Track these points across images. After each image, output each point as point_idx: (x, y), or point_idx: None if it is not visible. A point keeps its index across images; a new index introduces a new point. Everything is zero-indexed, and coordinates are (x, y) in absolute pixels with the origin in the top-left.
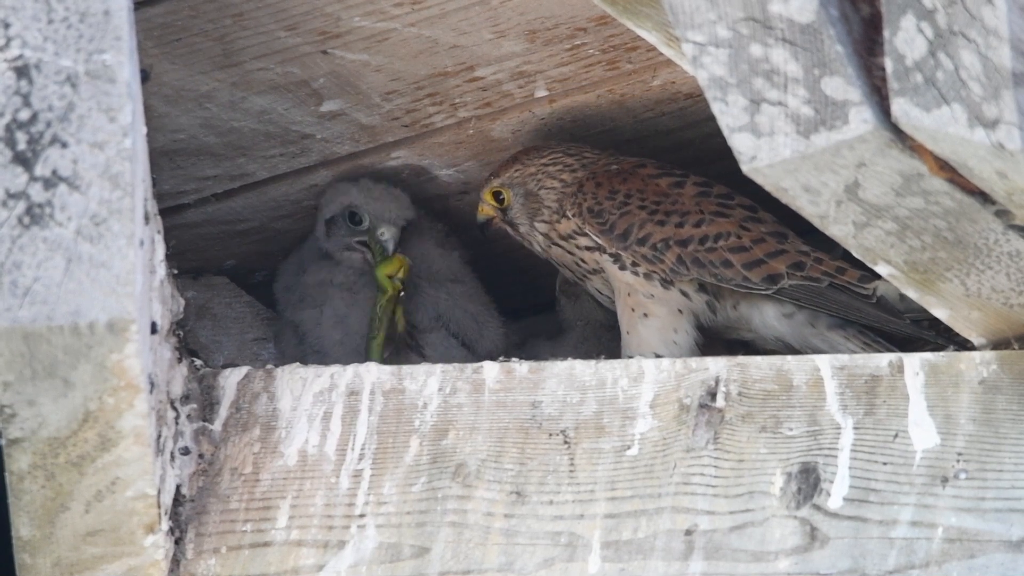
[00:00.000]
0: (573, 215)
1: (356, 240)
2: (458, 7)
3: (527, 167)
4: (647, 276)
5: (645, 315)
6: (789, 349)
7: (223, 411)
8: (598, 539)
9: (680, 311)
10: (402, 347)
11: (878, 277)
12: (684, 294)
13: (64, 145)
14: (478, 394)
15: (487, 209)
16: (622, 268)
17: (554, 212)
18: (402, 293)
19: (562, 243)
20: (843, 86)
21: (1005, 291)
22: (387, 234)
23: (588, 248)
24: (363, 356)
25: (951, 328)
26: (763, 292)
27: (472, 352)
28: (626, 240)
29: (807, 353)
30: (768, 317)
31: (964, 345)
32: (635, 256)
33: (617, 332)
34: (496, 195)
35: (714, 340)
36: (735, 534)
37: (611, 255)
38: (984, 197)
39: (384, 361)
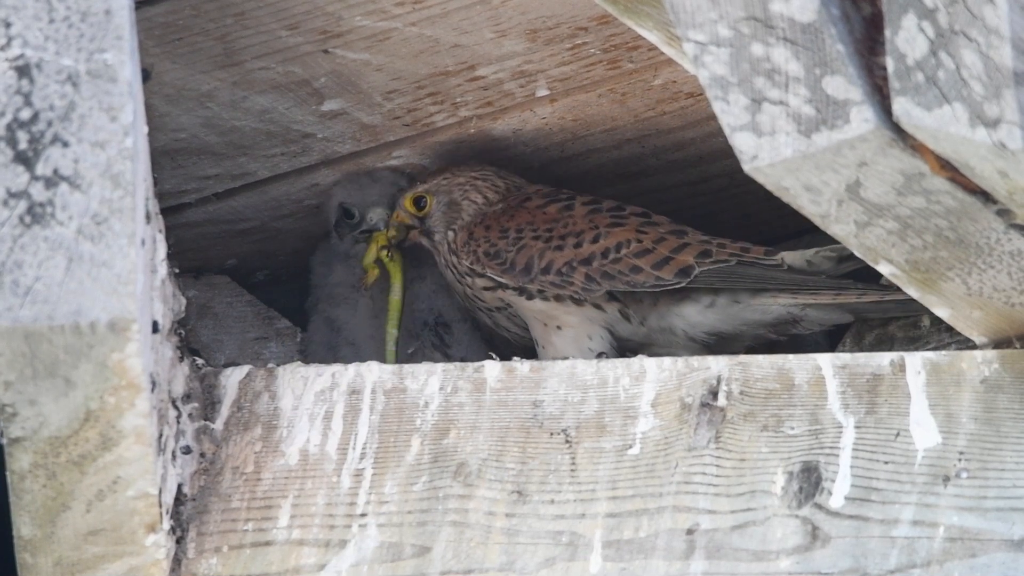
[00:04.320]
0: (471, 263)
1: (360, 232)
2: (459, 6)
3: (456, 176)
4: (557, 299)
5: (559, 327)
6: (722, 342)
7: (224, 410)
8: (599, 538)
9: (591, 320)
10: (427, 346)
11: (777, 252)
12: (597, 307)
13: (65, 144)
14: (479, 393)
15: (402, 215)
16: (530, 298)
17: (464, 227)
18: (388, 251)
19: (458, 275)
20: (844, 85)
21: (1007, 290)
22: (375, 216)
23: (487, 288)
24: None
25: (867, 277)
26: (676, 286)
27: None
28: (530, 273)
29: (745, 336)
30: (692, 316)
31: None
32: (542, 285)
33: None
34: (418, 200)
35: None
36: (736, 533)
37: (515, 289)
38: (985, 196)
39: (407, 359)
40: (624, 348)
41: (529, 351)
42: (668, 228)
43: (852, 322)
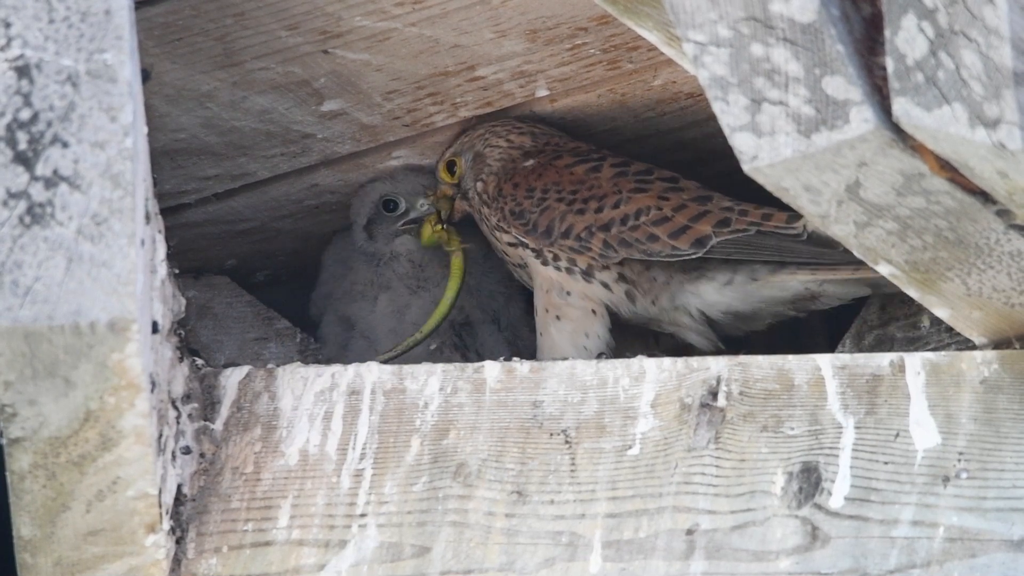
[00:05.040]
0: (498, 220)
1: (401, 225)
2: (459, 7)
3: (475, 131)
4: (568, 271)
5: (558, 317)
6: (739, 321)
7: (224, 410)
8: (599, 539)
9: (594, 312)
10: (448, 346)
11: (802, 217)
12: (605, 286)
13: (65, 145)
14: (479, 394)
15: (443, 188)
16: (544, 264)
17: (493, 174)
18: (445, 226)
19: (489, 229)
20: (844, 85)
21: (1006, 290)
22: (426, 204)
23: (511, 244)
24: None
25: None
26: (693, 256)
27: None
28: (550, 236)
29: (763, 314)
30: (709, 295)
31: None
32: (562, 249)
33: None
34: (450, 166)
35: (632, 340)
36: (736, 533)
37: (534, 251)
38: (985, 197)
39: (427, 357)
40: (626, 330)
41: None
42: (692, 195)
43: (869, 295)
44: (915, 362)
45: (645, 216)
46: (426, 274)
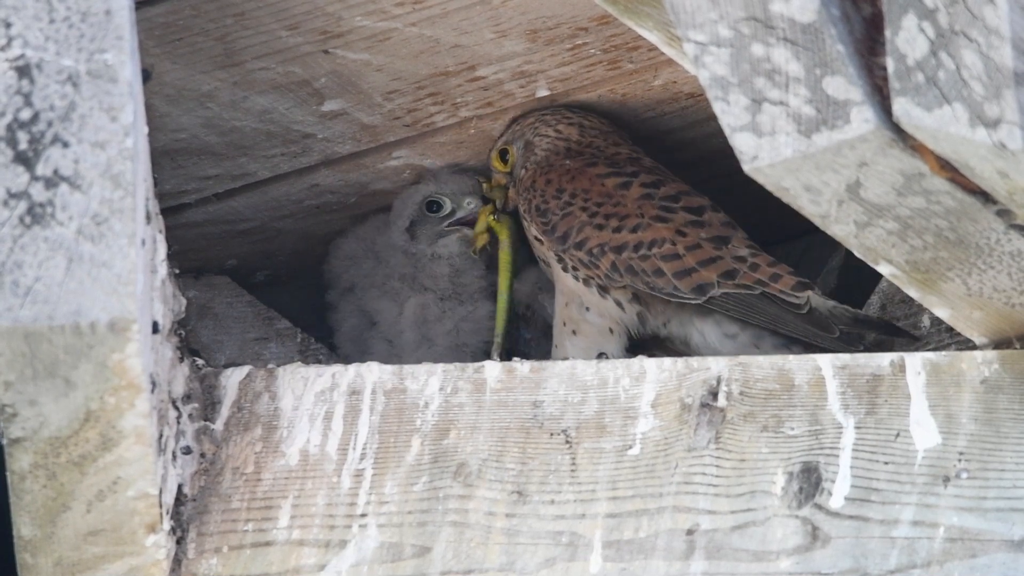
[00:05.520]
0: (524, 211)
1: (447, 225)
2: (459, 7)
3: (526, 119)
4: (586, 282)
5: (574, 332)
6: None
7: (225, 410)
8: (599, 539)
9: (611, 330)
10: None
11: (811, 288)
12: (618, 304)
13: (65, 145)
14: (479, 394)
15: (497, 177)
16: (565, 270)
17: (536, 164)
18: (496, 215)
19: (522, 213)
20: (844, 85)
21: (1007, 290)
22: (473, 203)
23: (536, 239)
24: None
25: (882, 345)
26: (692, 301)
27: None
28: (565, 243)
29: None
30: (710, 338)
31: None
32: (573, 260)
33: None
34: (502, 154)
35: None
36: (736, 534)
37: (556, 255)
38: (985, 197)
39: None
40: (640, 347)
41: None
42: (712, 233)
43: (870, 295)
44: (915, 362)
45: (658, 248)
46: (463, 281)
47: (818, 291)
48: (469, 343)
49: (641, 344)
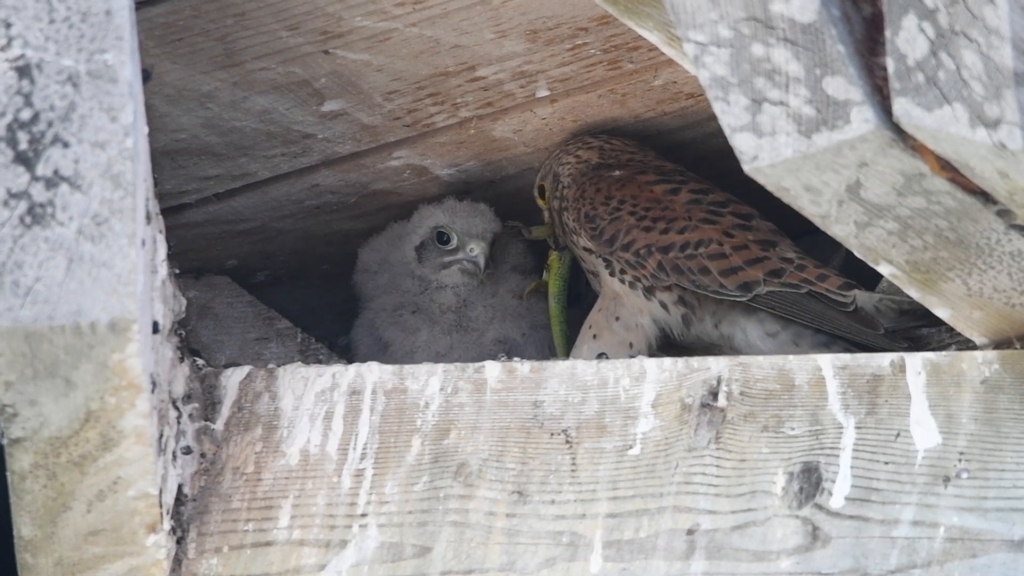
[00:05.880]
0: (573, 219)
1: (448, 259)
2: (460, 7)
3: (552, 153)
4: (632, 284)
5: (595, 336)
6: None
7: (225, 410)
8: (600, 539)
9: (631, 345)
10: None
11: (857, 287)
12: (663, 306)
13: (66, 145)
14: (480, 394)
15: (546, 215)
16: (612, 274)
17: (565, 188)
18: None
19: (567, 232)
20: (845, 86)
21: (1007, 291)
22: (476, 249)
23: (586, 250)
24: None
25: (929, 341)
26: (738, 299)
27: None
28: (612, 245)
29: None
30: (752, 337)
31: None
32: (620, 262)
33: None
34: (540, 191)
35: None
36: (737, 534)
37: (604, 260)
38: (986, 197)
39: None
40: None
41: None
42: (759, 237)
43: None
44: (916, 362)
45: (704, 248)
46: (471, 314)
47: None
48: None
49: (681, 348)
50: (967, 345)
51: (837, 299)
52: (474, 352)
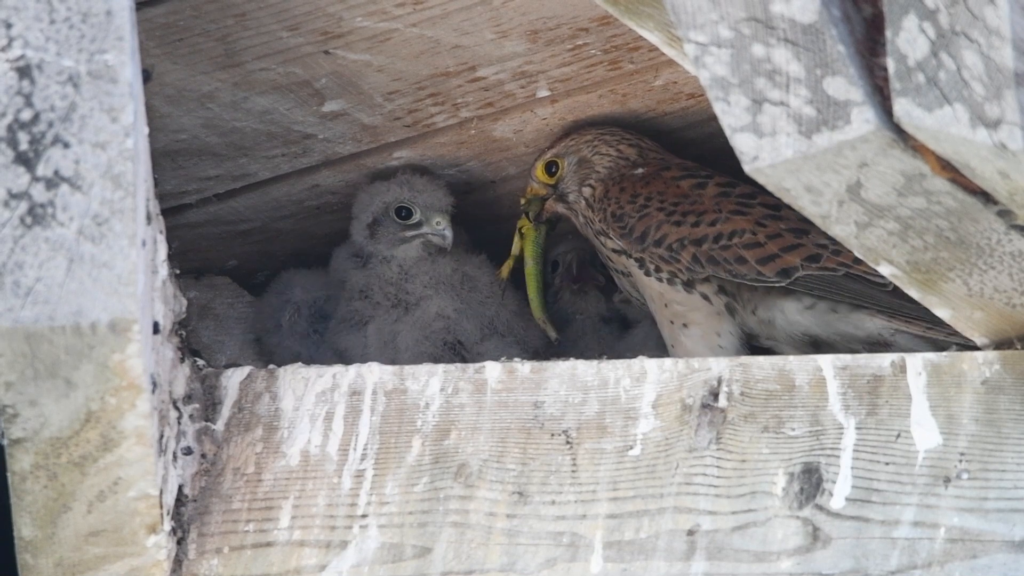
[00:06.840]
0: (600, 220)
1: (410, 234)
2: (460, 7)
3: (583, 135)
4: (669, 281)
5: (685, 325)
6: (816, 346)
7: (225, 411)
8: (600, 539)
9: (719, 314)
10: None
11: None
12: (705, 297)
13: (66, 145)
14: (480, 394)
15: (535, 187)
16: (647, 274)
17: (601, 181)
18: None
19: (593, 233)
20: (845, 86)
21: (1008, 291)
22: (443, 223)
23: (615, 251)
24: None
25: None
26: (777, 284)
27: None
28: (643, 242)
29: (838, 346)
30: (791, 313)
31: (967, 345)
32: (652, 258)
33: (615, 326)
34: (549, 166)
35: None
36: (737, 534)
37: (636, 259)
38: (986, 197)
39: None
40: (751, 343)
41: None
42: (791, 225)
43: None
44: (916, 363)
45: (738, 238)
46: (409, 287)
47: None
48: (428, 352)
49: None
50: (968, 346)
51: (875, 280)
52: (418, 333)
